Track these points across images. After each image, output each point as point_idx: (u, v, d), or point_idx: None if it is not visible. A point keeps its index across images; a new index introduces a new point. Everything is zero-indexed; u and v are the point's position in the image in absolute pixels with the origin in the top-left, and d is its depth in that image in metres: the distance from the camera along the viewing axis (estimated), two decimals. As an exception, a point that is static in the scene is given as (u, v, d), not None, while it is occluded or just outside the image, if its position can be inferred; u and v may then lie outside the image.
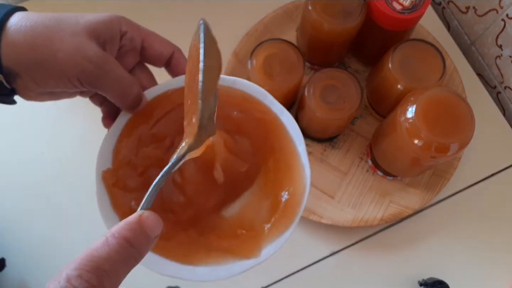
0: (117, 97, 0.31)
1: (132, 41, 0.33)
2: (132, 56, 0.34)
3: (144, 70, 0.36)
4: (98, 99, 0.36)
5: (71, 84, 0.29)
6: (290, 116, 0.35)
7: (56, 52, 0.28)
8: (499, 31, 0.62)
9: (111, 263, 0.20)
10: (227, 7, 0.68)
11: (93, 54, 0.29)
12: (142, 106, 0.34)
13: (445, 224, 0.59)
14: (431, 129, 0.45)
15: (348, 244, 0.58)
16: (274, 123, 0.35)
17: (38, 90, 0.30)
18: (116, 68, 0.30)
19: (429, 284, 0.54)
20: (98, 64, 0.29)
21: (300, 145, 0.34)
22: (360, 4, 0.52)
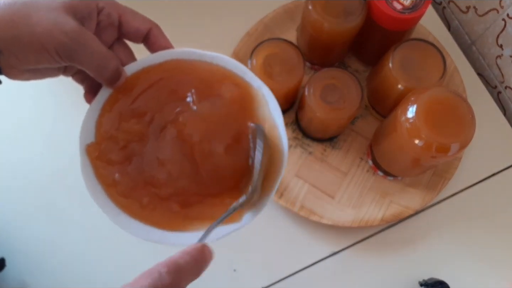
0: (95, 71, 0.32)
1: (109, 17, 0.33)
2: (110, 32, 0.34)
3: (123, 46, 0.37)
4: (79, 77, 0.36)
5: (51, 58, 0.30)
6: (269, 91, 0.36)
7: (34, 27, 0.29)
8: (500, 30, 0.62)
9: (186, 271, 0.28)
10: (228, 7, 0.68)
11: (69, 28, 0.30)
12: (122, 81, 0.35)
13: (445, 224, 0.59)
14: (431, 129, 0.45)
15: (349, 244, 0.58)
16: (253, 97, 0.36)
17: (21, 66, 0.31)
18: (93, 42, 0.31)
19: (429, 284, 0.54)
20: (74, 38, 0.30)
21: (279, 119, 0.36)
22: (360, 4, 0.52)
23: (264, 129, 0.34)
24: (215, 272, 0.57)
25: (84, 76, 0.36)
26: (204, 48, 0.37)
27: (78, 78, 0.37)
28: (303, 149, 0.60)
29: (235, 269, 0.57)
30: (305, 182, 0.58)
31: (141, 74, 0.36)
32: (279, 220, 0.59)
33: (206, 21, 0.67)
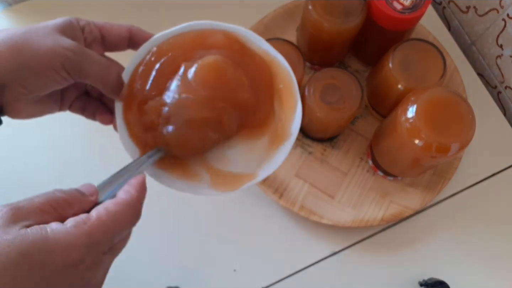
0: (100, 80, 0.33)
1: (91, 33, 0.35)
2: (96, 47, 0.35)
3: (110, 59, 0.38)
4: (78, 106, 0.37)
5: (59, 76, 0.31)
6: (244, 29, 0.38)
7: (37, 50, 0.30)
8: (500, 30, 0.62)
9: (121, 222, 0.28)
10: (228, 7, 0.68)
11: (70, 44, 0.31)
12: (125, 91, 0.36)
13: (445, 224, 0.59)
14: (431, 129, 0.45)
15: (349, 244, 0.58)
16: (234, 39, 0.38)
17: (28, 96, 0.31)
18: (92, 53, 0.33)
19: (429, 284, 0.54)
20: (76, 51, 0.31)
21: (273, 50, 0.38)
22: (360, 4, 0.52)
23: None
24: (215, 272, 0.57)
25: (82, 103, 0.37)
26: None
27: (77, 108, 0.37)
28: (303, 149, 0.60)
29: (235, 269, 0.57)
30: (305, 182, 0.58)
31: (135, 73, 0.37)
32: (279, 220, 0.59)
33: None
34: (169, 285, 0.55)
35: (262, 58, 0.38)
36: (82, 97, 0.37)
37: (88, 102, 0.37)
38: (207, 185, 0.36)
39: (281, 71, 0.38)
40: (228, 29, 0.38)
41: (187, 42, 0.37)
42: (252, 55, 0.38)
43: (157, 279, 0.56)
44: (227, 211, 0.59)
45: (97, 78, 0.33)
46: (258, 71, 0.38)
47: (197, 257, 0.58)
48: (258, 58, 0.38)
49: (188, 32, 0.38)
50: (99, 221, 0.26)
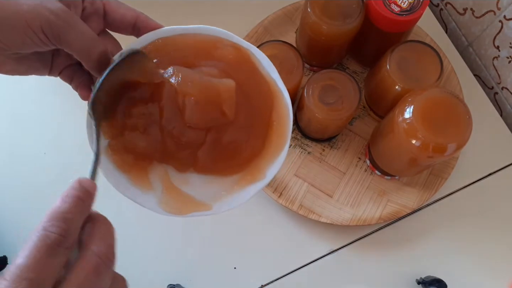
0: (82, 53, 0.31)
1: (93, 4, 0.33)
2: (95, 21, 0.34)
3: (109, 37, 0.36)
4: (67, 74, 0.35)
5: (37, 38, 0.29)
6: (258, 50, 0.36)
7: (20, 6, 0.28)
8: (497, 32, 0.62)
9: (71, 213, 0.25)
10: (227, 9, 0.68)
11: (56, 8, 0.29)
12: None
13: (442, 223, 0.60)
14: (428, 129, 0.45)
15: (347, 242, 0.59)
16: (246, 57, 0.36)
17: (7, 52, 0.30)
18: (80, 23, 0.30)
19: (427, 283, 0.54)
20: (61, 17, 0.29)
21: (274, 73, 0.36)
22: (358, 6, 0.53)
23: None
24: (216, 269, 0.58)
25: (71, 72, 0.35)
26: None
27: (66, 76, 0.35)
28: (302, 149, 0.61)
29: (235, 267, 0.57)
30: (304, 182, 0.59)
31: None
32: (279, 219, 0.59)
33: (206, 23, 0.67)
34: (170, 283, 0.55)
35: (269, 88, 0.36)
36: (73, 67, 0.35)
37: (78, 73, 0.35)
38: (156, 199, 0.34)
39: (281, 108, 0.36)
40: (243, 45, 0.36)
41: (194, 46, 0.35)
42: (260, 82, 0.36)
43: (158, 277, 0.57)
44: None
45: (77, 49, 0.31)
46: (260, 104, 0.35)
47: (197, 255, 0.58)
48: (265, 87, 0.36)
49: (198, 35, 0.36)
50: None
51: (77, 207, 0.25)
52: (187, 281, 0.56)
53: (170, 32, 0.35)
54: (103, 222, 0.27)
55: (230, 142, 0.35)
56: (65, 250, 0.24)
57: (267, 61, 0.36)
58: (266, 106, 0.36)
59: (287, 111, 0.36)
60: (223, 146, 0.34)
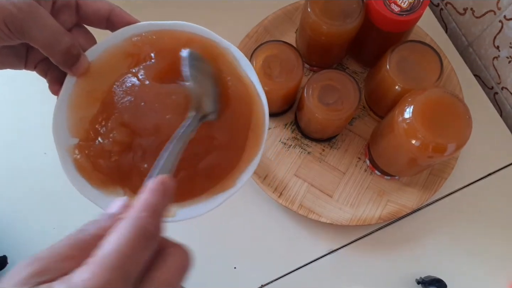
0: (46, 46, 0.31)
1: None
2: (67, 14, 0.33)
3: (83, 31, 0.35)
4: (42, 68, 0.35)
5: (0, 31, 0.29)
6: (238, 50, 0.35)
7: None
8: (497, 32, 0.62)
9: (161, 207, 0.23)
10: (228, 9, 0.69)
11: (20, 1, 0.29)
12: (84, 67, 0.33)
13: (442, 223, 0.60)
14: (428, 129, 0.45)
15: (347, 242, 0.59)
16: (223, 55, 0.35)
17: None
18: (44, 16, 0.30)
19: (427, 282, 0.54)
20: (24, 10, 0.29)
21: (253, 75, 0.35)
22: (358, 6, 0.53)
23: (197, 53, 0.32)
24: (216, 269, 0.58)
25: (46, 66, 0.34)
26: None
27: (41, 70, 0.35)
28: (302, 149, 0.61)
29: (235, 267, 0.57)
30: (304, 182, 0.59)
31: (103, 56, 0.34)
32: (279, 218, 0.59)
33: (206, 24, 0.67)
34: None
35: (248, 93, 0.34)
36: (47, 61, 0.34)
37: (52, 67, 0.34)
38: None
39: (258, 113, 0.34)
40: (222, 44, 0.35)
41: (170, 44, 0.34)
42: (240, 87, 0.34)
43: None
44: (227, 209, 0.60)
45: (41, 43, 0.30)
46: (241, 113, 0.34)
47: (197, 254, 0.58)
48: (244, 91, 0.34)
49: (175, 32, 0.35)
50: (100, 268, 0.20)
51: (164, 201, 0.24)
52: (187, 280, 0.56)
53: (146, 28, 0.34)
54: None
55: (208, 168, 0.33)
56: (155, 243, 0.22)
57: (246, 61, 0.35)
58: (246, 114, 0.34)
59: (263, 116, 0.34)
60: (198, 173, 0.33)
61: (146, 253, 0.21)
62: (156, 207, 0.23)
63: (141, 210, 0.22)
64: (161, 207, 0.23)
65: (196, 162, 0.33)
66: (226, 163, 0.34)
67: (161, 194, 0.23)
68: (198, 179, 0.33)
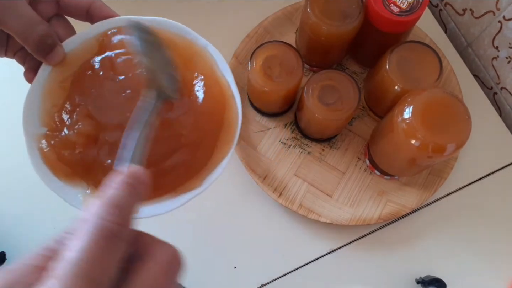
0: (19, 34, 0.31)
1: None
2: (47, 4, 0.33)
3: (62, 21, 0.35)
4: (20, 55, 0.35)
5: None
6: (216, 50, 0.35)
7: None
8: (496, 32, 0.62)
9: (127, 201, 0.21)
10: (228, 10, 0.69)
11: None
12: (60, 57, 0.33)
13: (442, 222, 0.60)
14: (428, 129, 0.45)
15: (346, 242, 0.59)
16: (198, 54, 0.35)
17: None
18: (19, 4, 0.30)
19: (426, 282, 0.54)
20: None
21: (229, 76, 0.35)
22: (358, 7, 0.53)
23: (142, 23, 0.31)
24: (216, 269, 0.58)
25: (25, 54, 0.34)
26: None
27: (20, 57, 0.35)
28: (301, 149, 0.61)
29: (235, 266, 0.58)
30: (303, 181, 0.59)
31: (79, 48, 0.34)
32: (278, 218, 0.60)
33: (206, 24, 0.68)
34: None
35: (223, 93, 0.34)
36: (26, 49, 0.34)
37: (29, 55, 0.34)
38: (82, 197, 0.32)
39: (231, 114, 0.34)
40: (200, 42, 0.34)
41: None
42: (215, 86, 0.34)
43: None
44: (227, 209, 0.60)
45: (15, 31, 0.30)
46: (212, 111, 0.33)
47: (197, 254, 0.58)
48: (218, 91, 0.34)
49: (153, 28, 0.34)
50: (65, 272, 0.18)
51: (130, 195, 0.22)
52: (187, 280, 0.56)
53: (124, 22, 0.34)
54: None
55: (174, 165, 0.32)
56: (123, 243, 0.20)
57: (223, 61, 0.35)
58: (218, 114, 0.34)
59: (236, 117, 0.34)
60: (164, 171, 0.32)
61: (115, 255, 0.20)
62: (121, 203, 0.21)
63: (101, 206, 0.20)
64: (129, 203, 0.21)
65: (162, 159, 0.32)
66: (193, 162, 0.33)
67: (129, 189, 0.22)
68: (164, 177, 0.32)
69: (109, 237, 0.19)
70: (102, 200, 0.21)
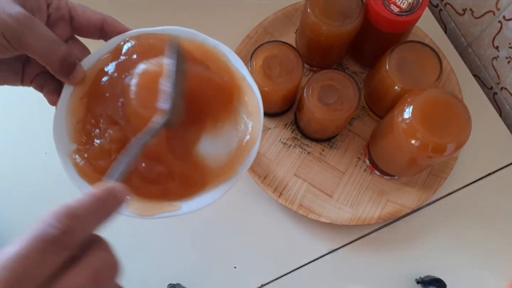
0: (43, 56, 0.31)
1: (58, 10, 0.33)
2: (62, 27, 0.34)
3: (77, 43, 0.36)
4: (38, 83, 0.36)
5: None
6: (227, 47, 0.36)
7: None
8: (496, 32, 0.62)
9: (86, 214, 0.23)
10: (228, 10, 0.69)
11: (17, 13, 0.29)
12: (80, 76, 0.34)
13: (441, 222, 0.60)
14: (428, 129, 0.45)
15: (346, 242, 0.59)
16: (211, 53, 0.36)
17: None
18: (40, 26, 0.31)
19: (426, 282, 0.54)
20: (22, 22, 0.30)
21: (243, 69, 0.36)
22: (358, 7, 0.53)
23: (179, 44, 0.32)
24: (216, 269, 0.58)
25: (42, 80, 0.36)
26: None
27: (37, 84, 0.36)
28: (301, 149, 0.61)
29: (235, 267, 0.58)
30: (303, 181, 0.59)
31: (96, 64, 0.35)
32: (278, 218, 0.60)
33: (206, 24, 0.67)
34: (171, 282, 0.55)
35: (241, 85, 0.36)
36: (43, 75, 0.35)
37: (48, 80, 0.35)
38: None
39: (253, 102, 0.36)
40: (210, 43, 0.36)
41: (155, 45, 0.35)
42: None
43: (158, 276, 0.57)
44: (227, 209, 0.60)
45: (38, 52, 0.31)
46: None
47: (198, 254, 0.59)
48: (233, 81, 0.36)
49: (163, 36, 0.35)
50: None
51: (94, 208, 0.23)
52: (187, 280, 0.56)
53: (136, 35, 0.35)
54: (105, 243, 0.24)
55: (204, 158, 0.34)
56: (63, 251, 0.21)
57: (235, 56, 0.36)
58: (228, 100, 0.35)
59: (257, 104, 0.35)
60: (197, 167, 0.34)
61: (48, 259, 0.21)
62: (78, 214, 0.22)
63: (52, 213, 0.22)
64: (88, 215, 0.23)
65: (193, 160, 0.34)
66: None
67: (97, 203, 0.23)
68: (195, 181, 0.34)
69: (47, 241, 0.21)
70: (60, 208, 0.22)
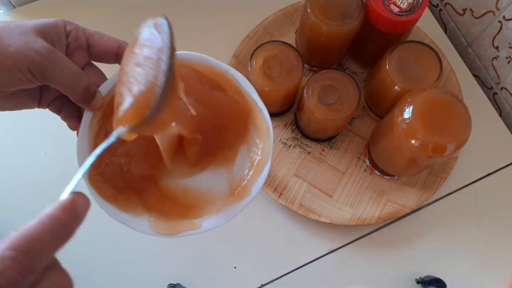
0: (67, 87, 0.33)
1: (77, 39, 0.35)
2: (80, 55, 0.35)
3: (94, 69, 0.37)
4: (55, 106, 0.37)
5: (24, 77, 0.31)
6: (237, 72, 0.37)
7: (6, 48, 0.30)
8: (496, 32, 0.62)
9: (44, 245, 0.22)
10: (228, 10, 0.69)
11: (41, 47, 0.31)
12: (99, 103, 0.35)
13: (441, 222, 0.60)
14: (428, 129, 0.46)
15: (346, 242, 0.59)
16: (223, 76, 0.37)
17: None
18: (64, 59, 0.32)
19: (426, 282, 0.54)
20: (46, 55, 0.31)
21: (254, 93, 0.37)
22: (358, 7, 0.53)
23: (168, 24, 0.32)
24: (216, 269, 0.58)
25: (59, 104, 0.37)
26: (206, 51, 0.37)
27: (54, 108, 0.37)
28: (302, 149, 0.61)
29: (235, 266, 0.58)
30: (304, 181, 0.59)
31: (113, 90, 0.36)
32: (279, 218, 0.60)
33: (206, 25, 0.68)
34: (171, 282, 0.55)
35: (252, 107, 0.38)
36: (61, 98, 0.37)
37: (66, 104, 0.37)
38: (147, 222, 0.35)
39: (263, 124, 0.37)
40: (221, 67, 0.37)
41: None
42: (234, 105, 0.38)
43: (158, 276, 0.57)
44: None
45: (64, 85, 0.32)
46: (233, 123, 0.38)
47: (198, 254, 0.59)
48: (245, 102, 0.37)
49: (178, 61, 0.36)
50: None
51: (51, 235, 0.22)
52: (187, 280, 0.56)
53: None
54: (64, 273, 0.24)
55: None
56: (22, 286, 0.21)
57: (246, 81, 0.37)
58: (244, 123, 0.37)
59: (267, 126, 0.37)
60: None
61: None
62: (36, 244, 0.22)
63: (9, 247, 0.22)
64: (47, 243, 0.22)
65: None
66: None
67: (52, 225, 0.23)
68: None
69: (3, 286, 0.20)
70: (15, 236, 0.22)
